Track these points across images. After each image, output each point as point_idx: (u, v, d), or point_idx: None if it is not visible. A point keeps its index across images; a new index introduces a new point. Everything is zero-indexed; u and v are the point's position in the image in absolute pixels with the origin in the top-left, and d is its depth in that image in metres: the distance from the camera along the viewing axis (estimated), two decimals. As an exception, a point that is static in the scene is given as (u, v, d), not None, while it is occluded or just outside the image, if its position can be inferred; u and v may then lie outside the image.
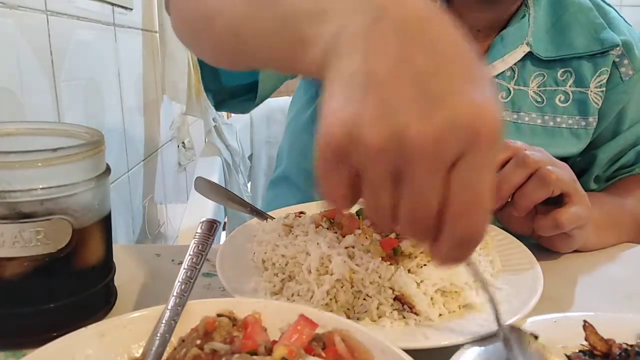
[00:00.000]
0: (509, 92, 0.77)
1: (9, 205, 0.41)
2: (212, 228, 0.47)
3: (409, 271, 0.47)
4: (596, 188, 0.82)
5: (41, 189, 0.42)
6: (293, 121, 0.98)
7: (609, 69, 0.77)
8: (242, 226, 0.62)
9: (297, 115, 0.93)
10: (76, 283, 0.46)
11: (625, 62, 0.77)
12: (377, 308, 0.46)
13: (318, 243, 0.50)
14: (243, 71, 0.63)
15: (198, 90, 1.54)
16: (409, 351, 0.36)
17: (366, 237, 0.50)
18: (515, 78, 0.77)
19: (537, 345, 0.42)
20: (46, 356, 0.35)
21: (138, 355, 0.38)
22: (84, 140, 0.47)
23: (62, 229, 0.43)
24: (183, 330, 0.39)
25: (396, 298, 0.46)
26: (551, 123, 0.78)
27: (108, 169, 0.48)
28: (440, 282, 0.47)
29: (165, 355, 0.37)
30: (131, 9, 1.30)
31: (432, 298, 0.47)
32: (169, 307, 0.40)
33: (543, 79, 0.77)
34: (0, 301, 0.44)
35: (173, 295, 0.40)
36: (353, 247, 0.49)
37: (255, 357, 0.34)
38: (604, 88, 0.77)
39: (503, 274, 0.54)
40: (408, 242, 0.49)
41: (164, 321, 0.39)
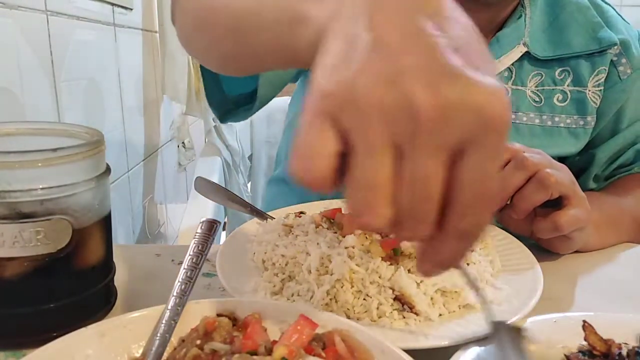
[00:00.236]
0: (507, 93, 0.77)
1: (9, 205, 0.41)
2: (212, 228, 0.47)
3: (409, 271, 0.47)
4: (595, 187, 0.82)
5: (41, 189, 0.42)
6: (291, 123, 0.98)
7: (607, 68, 0.77)
8: (242, 226, 0.62)
9: (296, 117, 0.93)
10: (76, 283, 0.46)
11: (623, 61, 0.77)
12: (377, 308, 0.46)
13: (318, 243, 0.50)
14: (244, 75, 0.63)
15: (198, 90, 1.54)
16: (409, 351, 0.36)
17: (366, 237, 0.50)
18: (512, 78, 0.77)
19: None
20: (46, 356, 0.35)
21: (138, 355, 0.38)
22: (84, 140, 0.47)
23: (62, 229, 0.43)
24: (183, 330, 0.39)
25: (396, 298, 0.46)
26: (549, 123, 0.78)
27: (108, 169, 0.48)
28: (440, 282, 0.47)
29: (165, 355, 0.37)
30: (131, 9, 1.30)
31: (432, 298, 0.47)
32: (169, 307, 0.40)
33: (541, 79, 0.77)
34: (0, 301, 0.44)
35: (173, 295, 0.41)
36: (353, 247, 0.49)
37: (255, 357, 0.34)
38: (602, 87, 0.77)
39: (503, 274, 0.54)
40: (408, 242, 0.49)
41: (164, 321, 0.39)
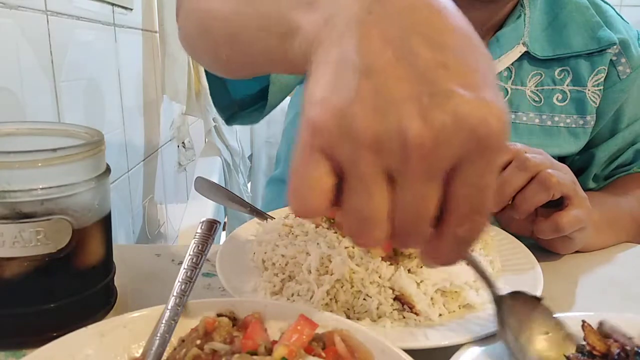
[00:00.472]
0: (507, 92, 0.77)
1: (9, 205, 0.41)
2: (212, 228, 0.47)
3: (409, 271, 0.47)
4: (595, 187, 0.82)
5: (41, 189, 0.42)
6: (290, 125, 0.97)
7: (607, 68, 0.77)
8: (242, 226, 0.62)
9: (295, 118, 0.93)
10: (76, 283, 0.46)
11: (622, 61, 0.77)
12: (377, 308, 0.46)
13: (318, 243, 0.50)
14: (245, 78, 0.63)
15: (198, 90, 1.54)
16: (409, 351, 0.36)
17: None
18: (512, 78, 0.77)
19: (542, 308, 0.42)
20: (46, 356, 0.35)
21: (138, 355, 0.38)
22: (84, 140, 0.47)
23: (62, 229, 0.43)
24: (183, 330, 0.39)
25: (396, 298, 0.46)
26: (549, 122, 0.78)
27: (108, 169, 0.48)
28: (440, 282, 0.47)
29: (165, 355, 0.37)
30: (131, 9, 1.30)
31: (432, 298, 0.47)
32: (169, 307, 0.40)
33: (540, 78, 0.77)
34: (0, 301, 0.44)
35: (173, 295, 0.41)
36: (353, 247, 0.49)
37: (255, 357, 0.34)
38: (602, 87, 0.77)
39: (503, 274, 0.54)
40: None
41: (164, 321, 0.39)
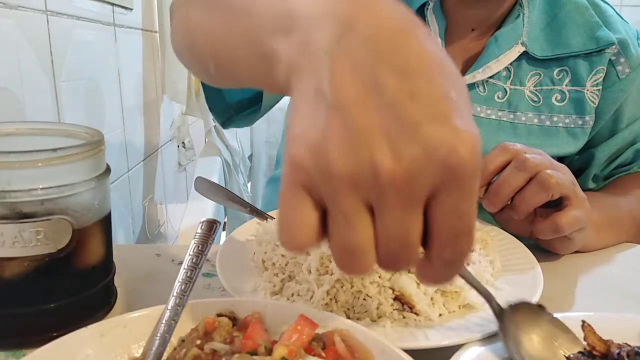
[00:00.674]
0: (505, 92, 0.77)
1: (9, 205, 0.41)
2: (212, 228, 0.47)
3: (409, 271, 0.47)
4: (594, 187, 0.82)
5: (41, 189, 0.42)
6: None
7: (605, 68, 0.77)
8: (242, 226, 0.62)
9: None
10: (76, 283, 0.46)
11: (621, 61, 0.77)
12: (377, 308, 0.46)
13: (318, 243, 0.50)
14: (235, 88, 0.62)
15: (198, 90, 1.54)
16: (409, 351, 0.36)
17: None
18: (511, 78, 0.77)
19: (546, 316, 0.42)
20: (46, 356, 0.35)
21: (138, 355, 0.38)
22: (84, 140, 0.47)
23: (62, 229, 0.43)
24: (183, 330, 0.39)
25: (396, 298, 0.46)
26: (548, 122, 0.78)
27: (108, 169, 0.48)
28: (440, 282, 0.47)
29: (165, 355, 0.37)
30: (131, 9, 1.30)
31: (432, 298, 0.47)
32: (169, 307, 0.40)
33: (539, 78, 0.77)
34: (0, 301, 0.44)
35: (173, 295, 0.41)
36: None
37: (255, 357, 0.34)
38: (601, 87, 0.77)
39: (503, 274, 0.54)
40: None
41: (164, 321, 0.39)
